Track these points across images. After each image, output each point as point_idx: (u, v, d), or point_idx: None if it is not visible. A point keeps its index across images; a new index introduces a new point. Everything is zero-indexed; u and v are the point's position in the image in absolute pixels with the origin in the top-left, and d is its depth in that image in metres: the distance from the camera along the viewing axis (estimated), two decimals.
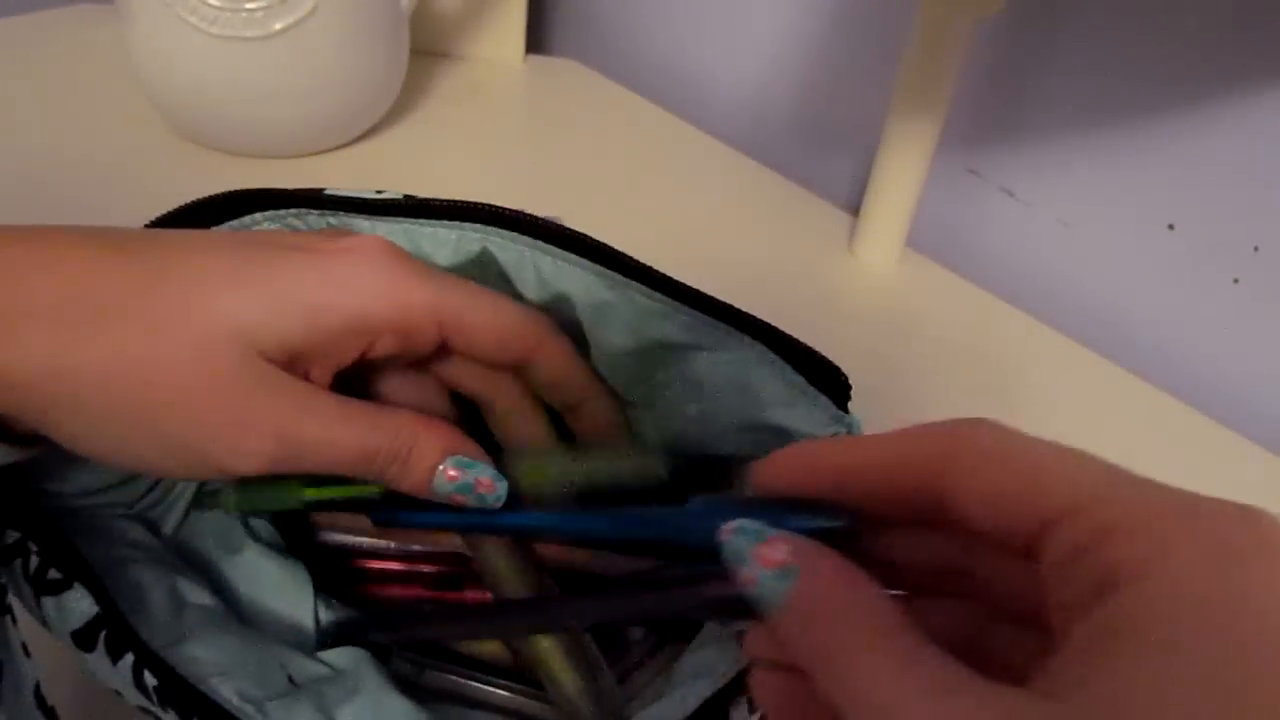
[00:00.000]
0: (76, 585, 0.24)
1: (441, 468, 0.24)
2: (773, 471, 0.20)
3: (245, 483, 0.33)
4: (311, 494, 0.32)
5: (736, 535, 0.18)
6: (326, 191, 0.28)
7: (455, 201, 0.28)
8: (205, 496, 0.33)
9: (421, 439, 0.24)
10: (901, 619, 0.16)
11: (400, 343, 0.24)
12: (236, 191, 0.27)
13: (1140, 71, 0.49)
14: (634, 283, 0.27)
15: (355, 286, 0.23)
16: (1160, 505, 0.15)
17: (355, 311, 0.23)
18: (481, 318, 0.25)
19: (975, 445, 0.17)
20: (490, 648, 0.33)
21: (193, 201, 0.27)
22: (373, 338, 0.24)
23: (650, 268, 0.26)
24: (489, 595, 0.33)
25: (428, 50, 0.71)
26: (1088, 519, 0.15)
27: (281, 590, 0.31)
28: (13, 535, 0.24)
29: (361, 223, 0.29)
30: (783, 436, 0.26)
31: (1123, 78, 0.49)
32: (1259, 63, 0.45)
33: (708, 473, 0.35)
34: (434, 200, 0.28)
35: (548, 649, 0.29)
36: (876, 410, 0.27)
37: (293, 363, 0.23)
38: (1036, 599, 0.16)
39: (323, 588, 0.32)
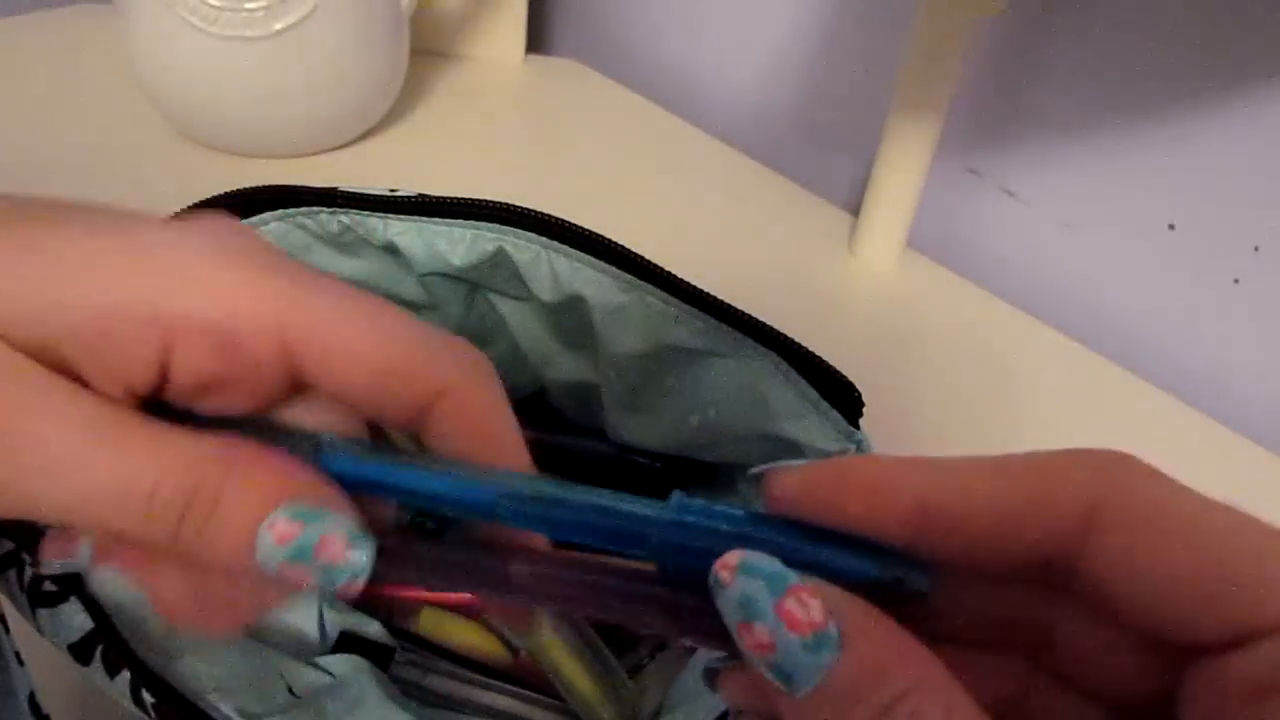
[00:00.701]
0: (72, 598, 0.24)
1: (267, 523, 0.15)
2: (805, 487, 0.15)
3: None
4: None
5: (745, 576, 0.13)
6: (340, 189, 0.28)
7: (472, 200, 0.28)
8: None
9: (234, 479, 0.16)
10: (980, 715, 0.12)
11: (221, 363, 0.16)
12: (249, 189, 0.27)
13: (1140, 71, 0.49)
14: (649, 286, 0.26)
15: (147, 271, 0.16)
16: None
17: (131, 308, 0.16)
18: (354, 338, 0.17)
19: (1131, 497, 0.13)
20: (491, 650, 0.33)
21: (202, 201, 0.27)
22: (164, 349, 0.16)
23: (667, 271, 0.26)
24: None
25: (428, 50, 0.71)
26: None
27: None
28: (6, 545, 0.24)
29: (375, 221, 0.29)
30: (791, 449, 0.26)
31: (1123, 78, 0.49)
32: (1259, 63, 0.45)
33: (709, 481, 0.35)
34: (450, 199, 0.28)
35: (559, 653, 0.30)
36: (876, 410, 0.27)
37: (60, 369, 0.16)
38: (1121, 675, 0.14)
39: None
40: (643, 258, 0.27)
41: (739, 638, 0.13)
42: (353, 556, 0.16)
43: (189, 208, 0.27)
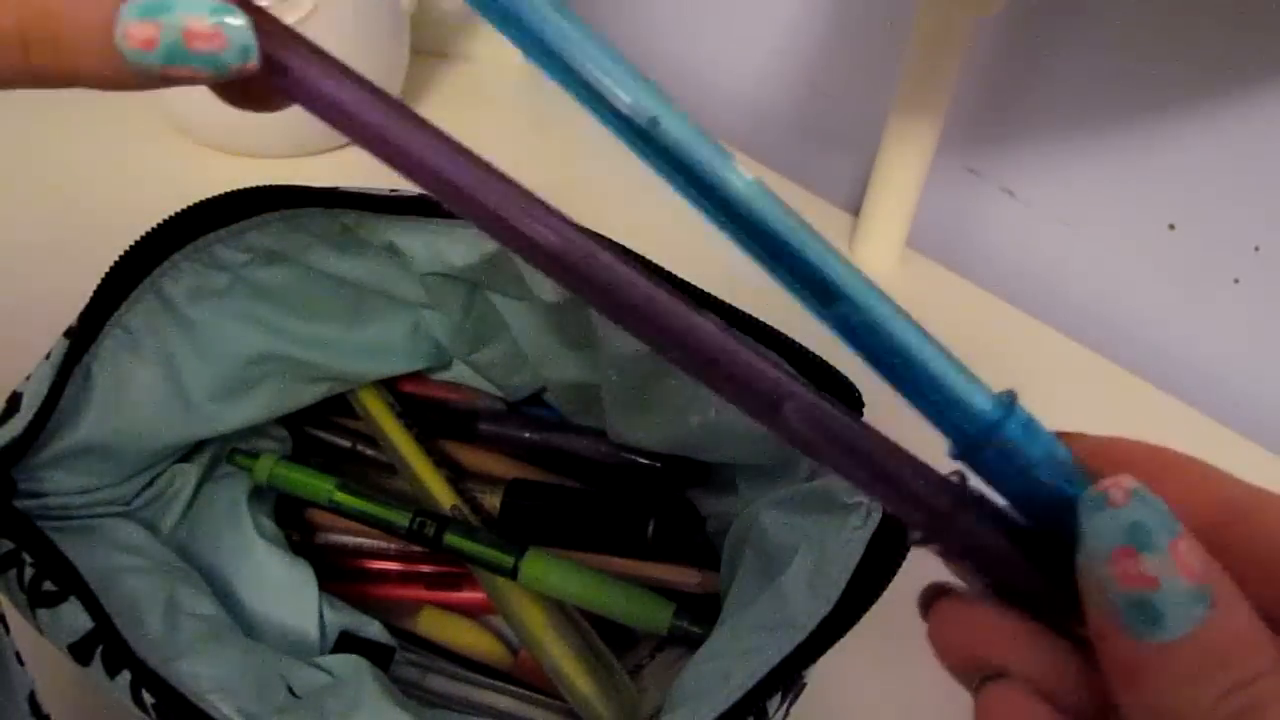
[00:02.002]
0: (72, 599, 0.24)
1: (119, 33, 0.14)
2: (1116, 455, 0.14)
3: (283, 460, 0.33)
4: (341, 497, 0.32)
5: (1141, 502, 0.13)
6: (340, 189, 0.28)
7: None
8: (237, 455, 0.33)
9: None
10: None
11: None
12: (248, 189, 0.27)
13: (1140, 72, 0.49)
14: None
15: None
16: None
17: None
18: None
19: None
20: (491, 650, 0.33)
21: (202, 201, 0.27)
22: None
23: (667, 271, 0.26)
24: (483, 595, 0.33)
25: (428, 51, 0.71)
26: None
27: (286, 590, 0.31)
28: (6, 545, 0.24)
29: (375, 221, 0.29)
30: (791, 449, 0.26)
31: (1123, 78, 0.49)
32: (1260, 63, 0.45)
33: (709, 481, 0.35)
34: None
35: (559, 652, 0.30)
36: (876, 411, 0.27)
37: None
38: None
39: (322, 587, 0.32)
40: (643, 258, 0.27)
41: (1107, 562, 0.12)
42: (227, 34, 0.13)
43: (189, 208, 0.27)
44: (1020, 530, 0.15)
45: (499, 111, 0.68)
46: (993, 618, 0.15)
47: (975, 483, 0.15)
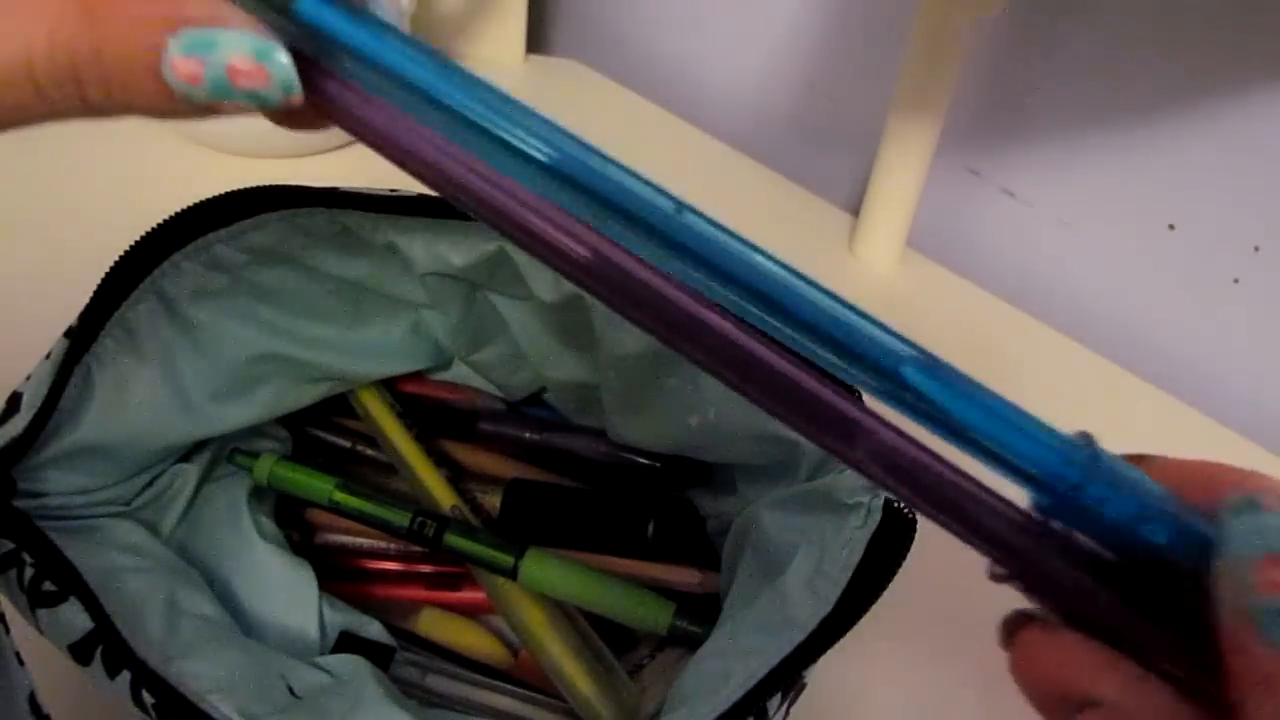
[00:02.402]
0: (72, 599, 0.24)
1: (165, 67, 0.14)
2: (1200, 477, 0.14)
3: (283, 460, 0.33)
4: (341, 497, 0.32)
5: None
6: (340, 189, 0.28)
7: None
8: (237, 455, 0.33)
9: (102, 30, 0.14)
10: None
11: None
12: (248, 189, 0.27)
13: (1141, 71, 0.49)
14: None
15: None
16: None
17: None
18: None
19: None
20: (491, 650, 0.33)
21: (202, 201, 0.27)
22: None
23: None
24: (483, 595, 0.33)
25: None
26: None
27: (286, 590, 0.31)
28: (6, 545, 0.24)
29: (375, 221, 0.29)
30: (791, 449, 0.26)
31: (1123, 78, 0.49)
32: (1259, 63, 0.45)
33: (709, 481, 0.35)
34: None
35: (559, 652, 0.30)
36: (876, 410, 0.27)
37: None
38: None
39: (322, 587, 0.32)
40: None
41: (1251, 568, 0.12)
42: (271, 71, 0.14)
43: (189, 208, 0.27)
44: (1106, 563, 0.15)
45: None
46: (1083, 647, 0.14)
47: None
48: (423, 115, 0.15)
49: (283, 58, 0.14)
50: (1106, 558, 0.14)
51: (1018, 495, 0.15)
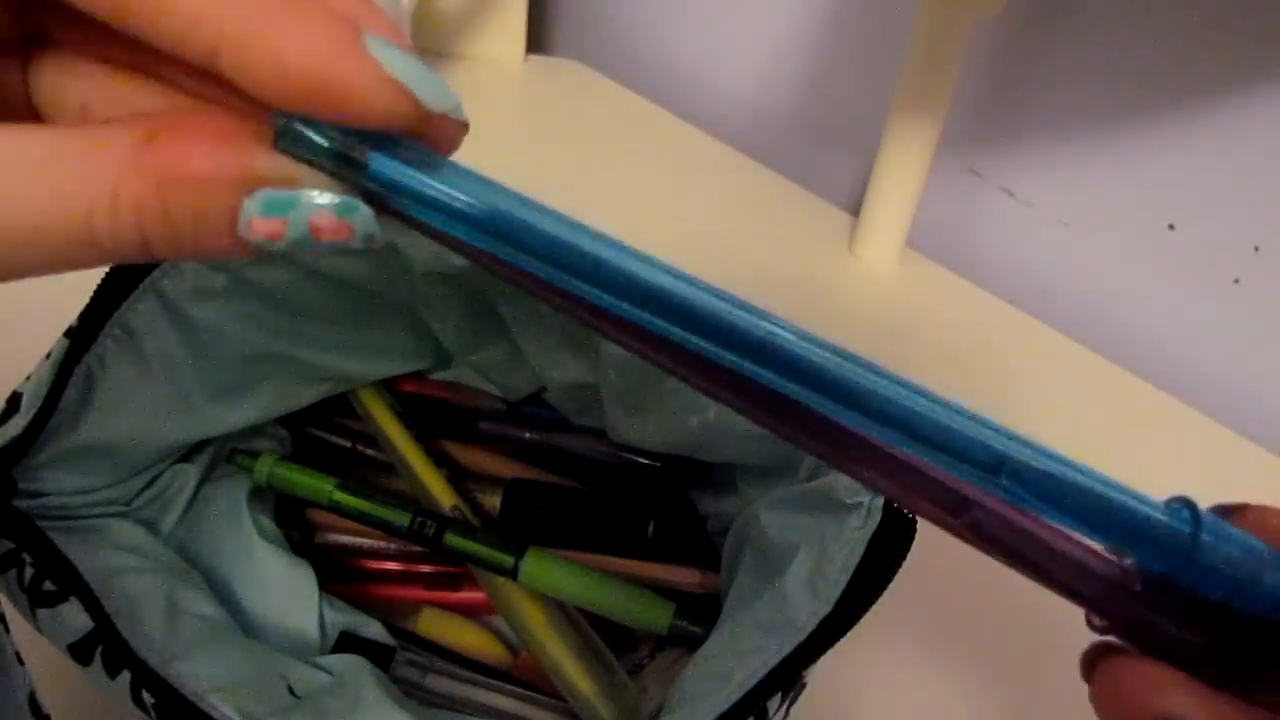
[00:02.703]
0: (72, 599, 0.24)
1: (243, 226, 0.13)
2: None
3: (283, 460, 0.33)
4: (341, 497, 0.32)
5: None
6: None
7: None
8: (237, 455, 0.33)
9: (173, 187, 0.13)
10: None
11: None
12: None
13: (1140, 71, 0.49)
14: None
15: None
16: None
17: None
18: None
19: None
20: (491, 650, 0.33)
21: None
22: None
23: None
24: (483, 595, 0.33)
25: (428, 50, 0.71)
26: None
27: (286, 590, 0.31)
28: (6, 545, 0.24)
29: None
30: (790, 449, 0.26)
31: (1123, 78, 0.49)
32: (1260, 63, 0.45)
33: (709, 481, 0.35)
34: None
35: (559, 652, 0.30)
36: None
37: None
38: None
39: (322, 587, 0.32)
40: None
41: None
42: (354, 224, 0.14)
43: None
44: (1207, 613, 0.15)
45: (499, 111, 0.68)
46: (1169, 670, 0.15)
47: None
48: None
49: (364, 211, 0.14)
50: (1209, 608, 0.15)
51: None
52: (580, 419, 0.36)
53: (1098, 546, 0.15)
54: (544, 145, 0.66)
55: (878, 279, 0.55)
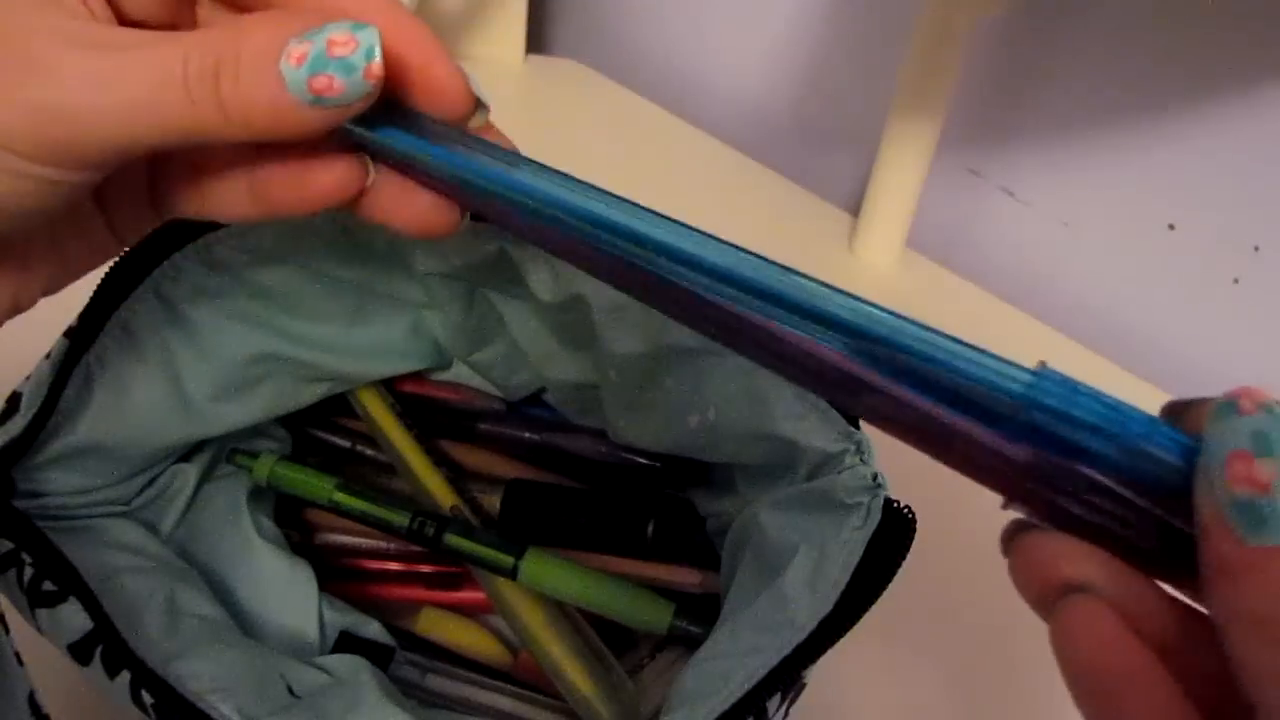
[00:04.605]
0: (71, 599, 0.24)
1: (284, 55, 0.18)
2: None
3: (283, 460, 0.33)
4: (341, 497, 0.32)
5: (1268, 415, 0.13)
6: None
7: None
8: (237, 455, 0.33)
9: (247, 31, 0.18)
10: None
11: None
12: None
13: (1140, 71, 0.49)
14: None
15: None
16: None
17: None
18: None
19: None
20: (491, 650, 0.33)
21: None
22: None
23: None
24: (483, 595, 0.33)
25: None
26: None
27: (286, 590, 0.31)
28: (6, 545, 0.24)
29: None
30: (791, 449, 0.26)
31: (1123, 78, 0.49)
32: (1259, 63, 0.45)
33: (709, 481, 0.35)
34: None
35: (559, 653, 0.29)
36: None
37: None
38: None
39: (322, 587, 0.32)
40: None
41: (1224, 463, 0.13)
42: (359, 36, 0.18)
43: None
44: (1097, 486, 0.15)
45: (499, 111, 0.68)
46: (1077, 543, 0.16)
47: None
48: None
49: (372, 32, 0.18)
50: (1099, 479, 0.15)
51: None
52: (580, 419, 0.36)
53: (975, 426, 0.16)
54: (544, 145, 0.66)
55: (878, 279, 0.55)
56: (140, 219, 0.22)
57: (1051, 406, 0.15)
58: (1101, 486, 0.15)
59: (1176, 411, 0.16)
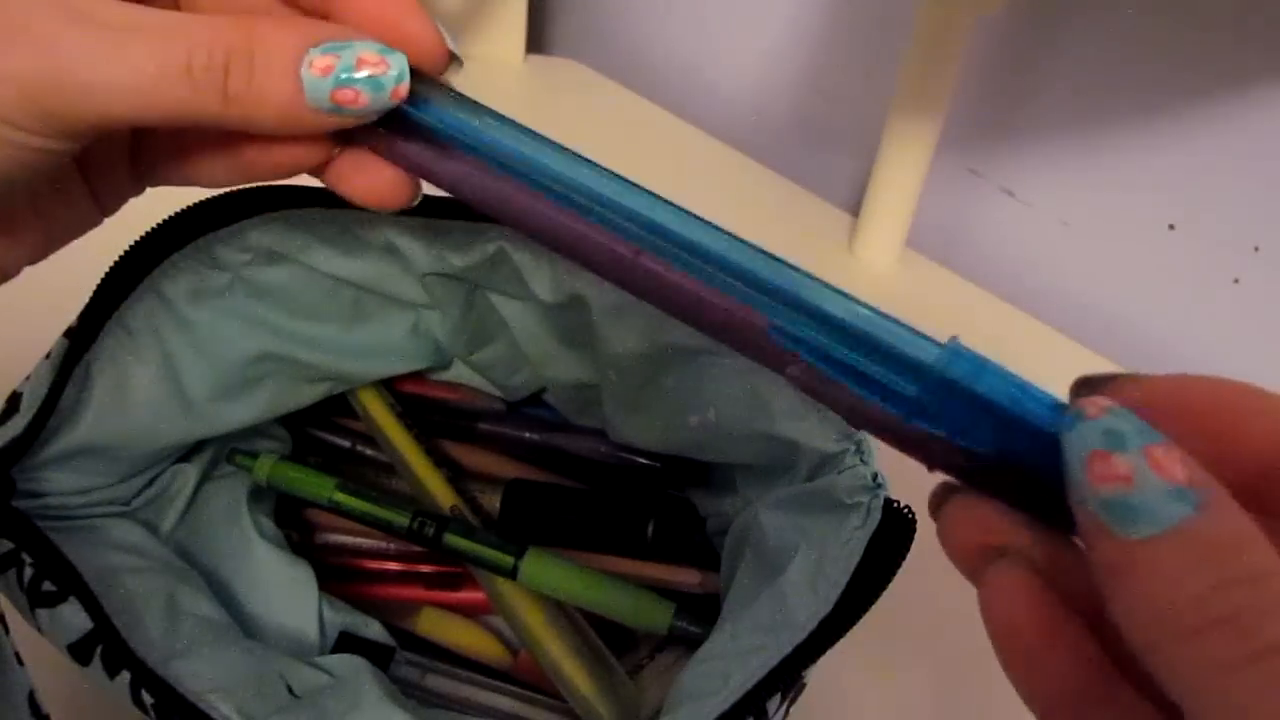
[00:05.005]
0: (71, 599, 0.24)
1: (305, 62, 0.18)
2: (1151, 397, 0.15)
3: (283, 460, 0.33)
4: (341, 497, 0.32)
5: (1114, 416, 0.14)
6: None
7: None
8: (237, 455, 0.33)
9: (265, 32, 0.18)
10: None
11: None
12: (248, 189, 0.27)
13: (1140, 72, 0.49)
14: None
15: None
16: None
17: None
18: None
19: None
20: (491, 650, 0.33)
21: (201, 201, 0.27)
22: None
23: None
24: (483, 595, 0.33)
25: None
26: None
27: (286, 590, 0.31)
28: (6, 545, 0.24)
29: (377, 221, 0.29)
30: (791, 449, 0.26)
31: (1123, 77, 0.49)
32: (1259, 63, 0.45)
33: (709, 481, 0.35)
34: (451, 198, 0.28)
35: (559, 652, 0.30)
36: None
37: None
38: None
39: (322, 587, 0.32)
40: None
41: (1084, 467, 0.13)
42: (392, 62, 0.18)
43: (189, 208, 0.27)
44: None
45: (499, 110, 0.68)
46: (999, 508, 0.16)
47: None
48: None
49: (402, 58, 0.19)
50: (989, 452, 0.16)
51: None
52: (580, 419, 0.36)
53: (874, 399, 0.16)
54: None
55: (878, 279, 0.55)
56: (122, 186, 0.22)
57: (956, 380, 0.16)
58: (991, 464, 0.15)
59: (1092, 386, 0.17)
